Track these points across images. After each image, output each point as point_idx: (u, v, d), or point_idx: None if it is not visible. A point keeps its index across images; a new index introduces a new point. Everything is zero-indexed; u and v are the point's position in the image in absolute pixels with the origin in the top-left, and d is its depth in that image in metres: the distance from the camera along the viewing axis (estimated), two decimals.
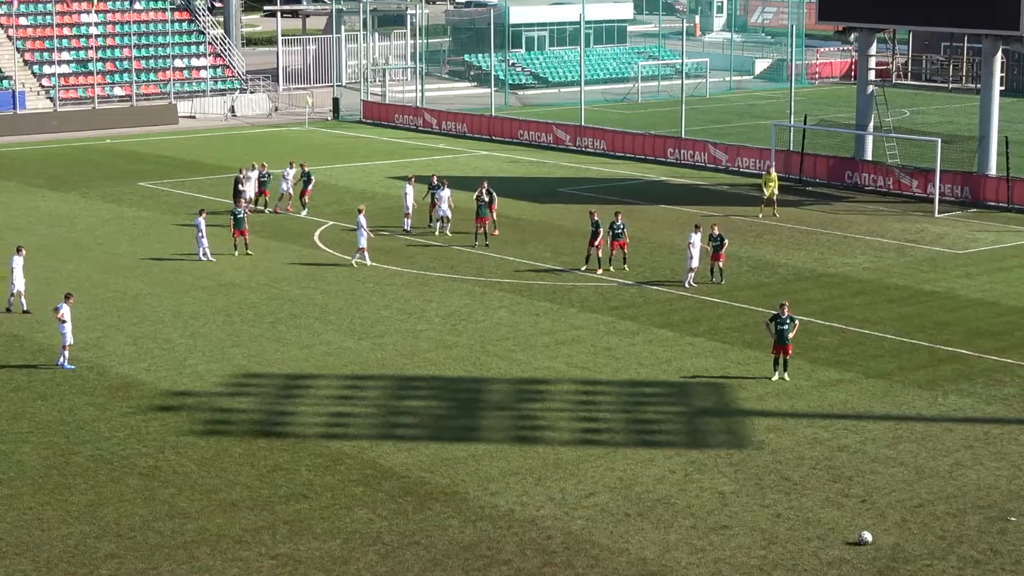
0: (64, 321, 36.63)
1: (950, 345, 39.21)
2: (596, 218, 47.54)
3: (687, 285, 45.30)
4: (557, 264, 48.57)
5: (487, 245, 50.85)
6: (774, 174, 58.12)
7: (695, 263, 45.24)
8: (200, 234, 48.86)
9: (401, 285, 45.75)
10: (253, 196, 57.01)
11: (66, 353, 36.85)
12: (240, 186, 55.73)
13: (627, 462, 30.41)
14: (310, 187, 57.49)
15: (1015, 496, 28.62)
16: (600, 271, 47.29)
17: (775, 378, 36.09)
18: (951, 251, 51.27)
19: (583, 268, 47.63)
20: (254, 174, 57.62)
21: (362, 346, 39.05)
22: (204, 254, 48.93)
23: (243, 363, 37.51)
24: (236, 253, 49.50)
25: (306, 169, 58.10)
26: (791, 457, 30.75)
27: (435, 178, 54.19)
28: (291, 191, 57.43)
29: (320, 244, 51.61)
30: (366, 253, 47.96)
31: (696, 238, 45.33)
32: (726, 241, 46.15)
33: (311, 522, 27.26)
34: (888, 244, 52.38)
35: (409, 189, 53.66)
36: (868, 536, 26.47)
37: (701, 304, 43.56)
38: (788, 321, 36.01)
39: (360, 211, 49.01)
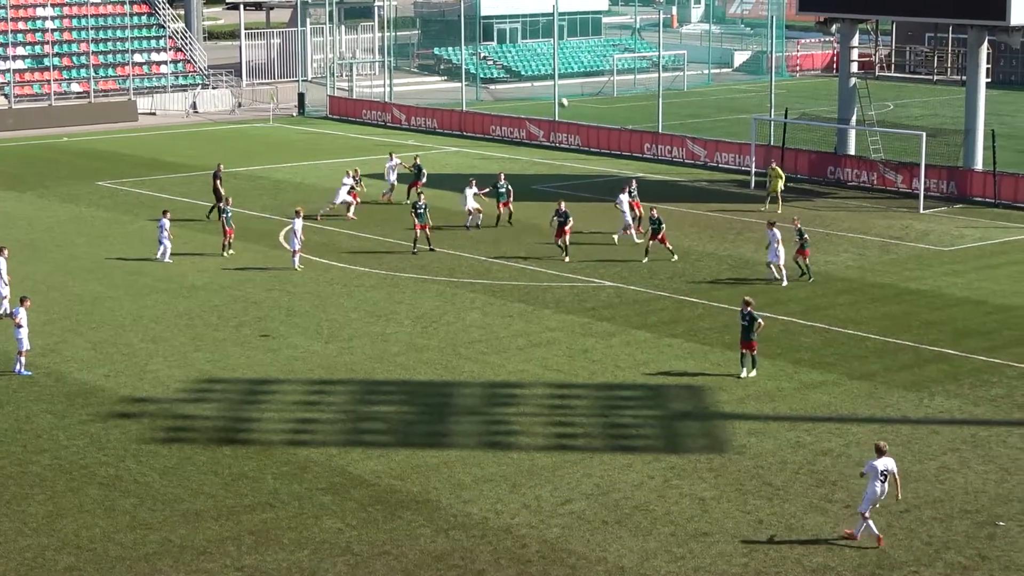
0: (20, 326, 36.15)
1: (936, 345, 38.85)
2: (564, 208, 48.48)
3: (783, 281, 44.99)
4: (530, 263, 48.08)
5: (432, 250, 49.44)
6: (779, 169, 57.43)
7: (783, 260, 44.69)
8: (163, 235, 48.12)
9: (370, 287, 45.16)
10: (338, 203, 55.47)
11: (22, 359, 36.35)
12: (219, 183, 54.78)
13: (604, 468, 30.01)
14: (421, 180, 57.91)
15: (1003, 500, 28.30)
16: (566, 258, 47.92)
17: (743, 375, 35.76)
18: (937, 248, 50.94)
19: (566, 259, 47.97)
20: (349, 182, 56.01)
21: (329, 350, 38.52)
22: (164, 255, 48.07)
23: (206, 368, 37.03)
24: (225, 253, 48.88)
25: (418, 162, 59.19)
26: (773, 462, 30.34)
27: (502, 176, 55.10)
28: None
29: (285, 245, 50.77)
30: (297, 257, 47.10)
31: (777, 233, 44.66)
32: (807, 236, 45.90)
33: (278, 532, 26.86)
34: (872, 241, 51.98)
35: (469, 192, 54.01)
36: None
37: (679, 304, 43.12)
38: (750, 318, 35.54)
39: (298, 213, 48.11)
